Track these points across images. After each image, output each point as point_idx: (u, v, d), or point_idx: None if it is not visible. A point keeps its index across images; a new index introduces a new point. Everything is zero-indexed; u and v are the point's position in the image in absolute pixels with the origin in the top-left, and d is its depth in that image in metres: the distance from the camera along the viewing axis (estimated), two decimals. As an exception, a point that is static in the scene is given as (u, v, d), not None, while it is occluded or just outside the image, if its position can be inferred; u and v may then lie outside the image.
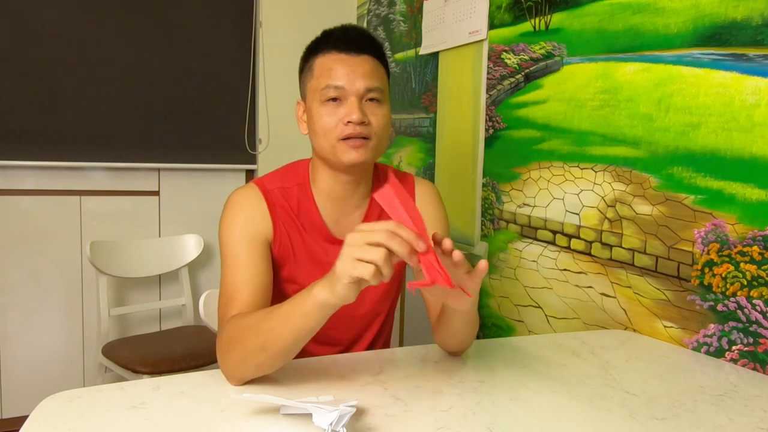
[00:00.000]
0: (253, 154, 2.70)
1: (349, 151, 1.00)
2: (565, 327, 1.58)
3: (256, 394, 0.79)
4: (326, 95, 1.00)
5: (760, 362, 1.11)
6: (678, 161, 1.26)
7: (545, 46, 1.64)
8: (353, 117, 0.98)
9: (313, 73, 1.04)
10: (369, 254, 0.72)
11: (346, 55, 1.01)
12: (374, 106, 1.02)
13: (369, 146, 1.01)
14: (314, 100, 1.03)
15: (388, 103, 1.05)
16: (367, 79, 1.00)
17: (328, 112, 1.01)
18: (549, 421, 0.82)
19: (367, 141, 1.01)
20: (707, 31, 1.20)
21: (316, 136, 1.03)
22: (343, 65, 1.00)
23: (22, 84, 2.30)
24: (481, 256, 1.91)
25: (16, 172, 2.36)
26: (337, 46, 1.02)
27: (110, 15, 2.42)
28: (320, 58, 1.03)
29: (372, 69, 1.02)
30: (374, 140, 1.02)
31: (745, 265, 1.13)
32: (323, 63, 1.02)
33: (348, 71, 1.00)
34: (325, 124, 1.01)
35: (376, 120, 1.02)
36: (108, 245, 2.30)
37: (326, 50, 1.03)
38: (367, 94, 1.01)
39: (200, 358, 2.08)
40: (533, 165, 1.69)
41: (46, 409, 0.79)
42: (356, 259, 0.73)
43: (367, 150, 1.01)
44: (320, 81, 1.01)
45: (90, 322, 2.49)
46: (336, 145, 1.01)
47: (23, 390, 2.39)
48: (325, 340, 1.12)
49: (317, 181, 1.10)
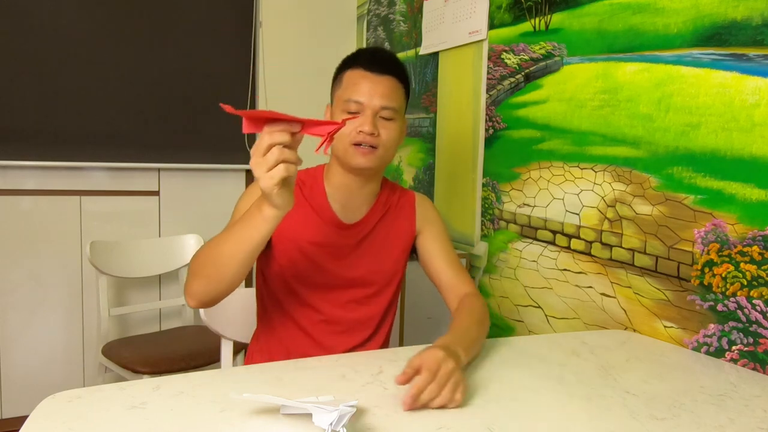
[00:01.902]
0: (253, 154, 2.70)
1: (358, 156, 1.15)
2: (565, 327, 1.58)
3: (255, 395, 0.79)
4: (347, 108, 1.15)
5: (760, 362, 1.11)
6: (678, 161, 1.26)
7: (545, 46, 1.64)
8: (365, 128, 1.13)
9: (341, 84, 1.19)
10: (269, 160, 0.83)
11: (370, 74, 1.16)
12: (386, 121, 1.16)
13: (376, 154, 1.16)
14: (338, 107, 1.18)
15: (401, 119, 1.20)
16: (384, 98, 1.15)
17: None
18: (549, 421, 0.82)
19: (374, 150, 1.15)
20: (707, 31, 1.20)
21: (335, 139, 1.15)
22: (366, 82, 1.15)
23: (22, 84, 2.30)
24: (481, 256, 1.92)
25: (16, 172, 2.36)
26: (365, 65, 1.17)
27: (110, 15, 2.42)
28: (349, 72, 1.18)
29: (391, 89, 1.16)
30: (381, 150, 1.16)
31: (745, 265, 1.13)
32: (351, 77, 1.17)
33: (369, 88, 1.15)
34: (343, 130, 1.13)
35: (386, 133, 1.16)
36: (108, 245, 2.30)
37: (356, 66, 1.18)
38: (382, 111, 1.15)
39: (200, 358, 2.08)
40: (533, 165, 1.69)
41: (46, 409, 0.79)
42: (266, 171, 0.84)
43: (374, 158, 1.16)
44: (345, 92, 1.17)
45: (90, 322, 2.49)
46: (348, 149, 1.15)
47: (23, 390, 2.38)
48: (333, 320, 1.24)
49: (331, 176, 1.24)
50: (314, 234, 1.22)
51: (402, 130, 1.22)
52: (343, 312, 1.24)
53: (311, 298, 1.23)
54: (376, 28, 2.66)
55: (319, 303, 1.23)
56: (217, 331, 1.43)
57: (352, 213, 1.24)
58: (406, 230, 1.29)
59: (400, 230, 1.28)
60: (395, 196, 1.30)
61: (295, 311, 1.24)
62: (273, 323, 1.26)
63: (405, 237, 1.29)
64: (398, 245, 1.28)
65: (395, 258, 1.28)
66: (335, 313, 1.24)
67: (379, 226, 1.26)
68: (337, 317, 1.24)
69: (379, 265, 1.26)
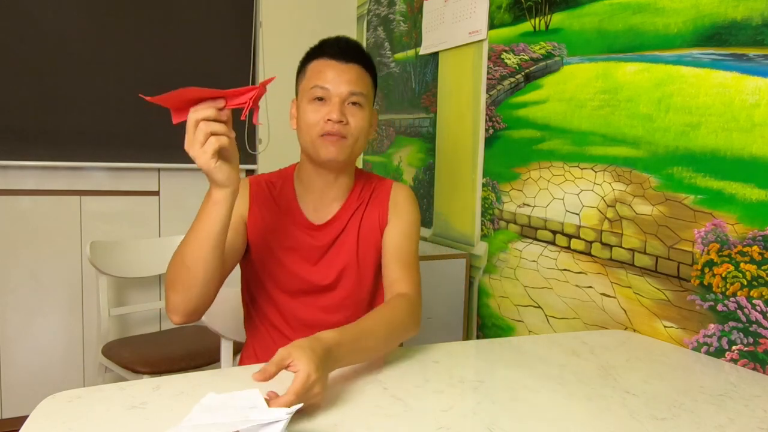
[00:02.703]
0: (253, 154, 2.70)
1: (328, 146, 1.10)
2: (565, 327, 1.58)
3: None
4: (313, 94, 1.11)
5: (760, 362, 1.11)
6: (678, 161, 1.26)
7: (545, 46, 1.64)
8: (333, 116, 1.08)
9: (305, 75, 1.15)
10: (199, 136, 0.87)
11: (335, 62, 1.12)
12: (355, 109, 1.12)
13: (345, 144, 1.11)
14: (303, 98, 1.14)
15: (370, 108, 1.15)
16: (351, 84, 1.11)
17: (313, 109, 1.11)
18: (549, 421, 0.82)
19: (344, 140, 1.11)
20: (707, 31, 1.20)
21: (301, 131, 1.14)
22: (332, 70, 1.11)
23: (22, 84, 2.30)
24: (481, 256, 1.92)
25: (16, 172, 2.36)
26: (329, 54, 1.13)
27: (110, 15, 2.42)
28: (314, 63, 1.14)
29: (357, 76, 1.12)
30: (350, 140, 1.12)
31: (745, 265, 1.13)
32: (315, 66, 1.13)
33: (335, 75, 1.10)
34: (309, 120, 1.11)
35: (355, 121, 1.11)
36: (108, 245, 2.30)
37: (320, 56, 1.14)
38: (350, 97, 1.11)
39: (200, 358, 2.08)
40: (533, 165, 1.69)
41: (46, 409, 0.79)
42: (198, 146, 0.87)
43: (343, 148, 1.11)
44: (310, 81, 1.12)
45: (90, 322, 2.49)
46: (316, 141, 1.11)
47: (23, 390, 2.38)
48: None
49: (301, 175, 1.20)
50: (285, 238, 1.17)
51: (371, 121, 1.16)
52: (325, 315, 1.19)
53: (291, 303, 1.19)
54: (376, 28, 2.66)
55: (299, 308, 1.19)
56: (217, 331, 1.43)
57: (323, 212, 1.19)
58: (380, 222, 1.20)
59: (374, 223, 1.20)
60: (370, 187, 1.23)
61: (275, 317, 1.20)
62: (258, 330, 1.23)
63: (378, 229, 1.20)
64: (372, 241, 1.20)
65: (370, 255, 1.20)
66: (317, 317, 1.18)
67: (352, 223, 1.19)
68: (318, 321, 1.17)
69: (354, 266, 1.19)
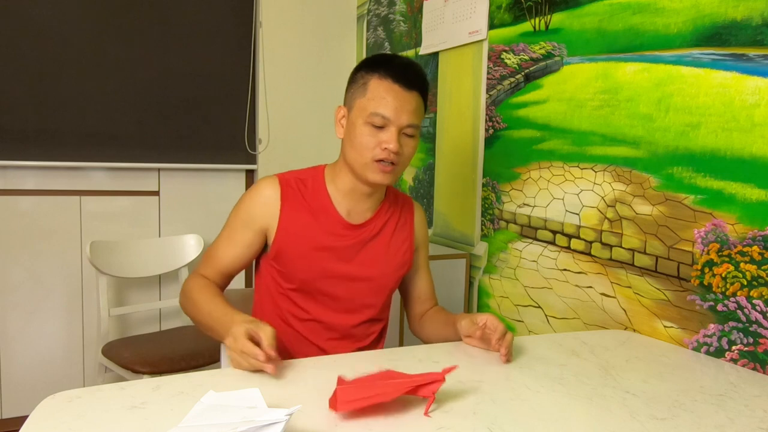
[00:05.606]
0: (253, 154, 2.70)
1: (378, 173, 1.14)
2: (565, 327, 1.58)
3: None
4: (373, 121, 1.12)
5: (760, 362, 1.11)
6: (678, 161, 1.26)
7: (545, 46, 1.64)
8: (390, 146, 1.11)
9: (366, 92, 1.14)
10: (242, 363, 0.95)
11: (399, 87, 1.12)
12: (408, 138, 1.15)
13: (395, 171, 1.15)
14: (360, 117, 1.13)
15: (419, 136, 1.19)
16: (410, 116, 1.12)
17: (369, 132, 1.13)
18: (549, 421, 0.82)
19: (394, 167, 1.14)
20: (707, 31, 1.20)
21: (353, 148, 1.15)
22: (395, 98, 1.11)
23: (22, 84, 2.30)
24: (481, 256, 1.92)
25: (16, 172, 2.36)
26: (394, 77, 1.12)
27: (110, 15, 2.42)
28: (376, 81, 1.13)
29: (416, 107, 1.14)
30: (400, 167, 1.16)
31: (745, 265, 1.13)
32: (378, 87, 1.12)
33: (397, 105, 1.11)
34: (365, 143, 1.12)
35: (407, 151, 1.15)
36: (108, 245, 2.30)
37: (384, 75, 1.13)
38: (406, 129, 1.13)
39: (200, 358, 2.08)
40: (533, 165, 1.69)
41: (46, 409, 0.79)
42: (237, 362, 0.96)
43: (393, 175, 1.15)
44: (371, 104, 1.12)
45: (90, 322, 2.49)
46: (368, 164, 1.13)
47: (23, 390, 2.38)
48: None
49: (337, 180, 1.22)
50: (319, 238, 1.19)
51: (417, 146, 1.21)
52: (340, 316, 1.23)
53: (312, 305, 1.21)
54: (376, 28, 2.66)
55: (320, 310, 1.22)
56: (217, 331, 1.43)
57: (356, 216, 1.23)
58: (407, 244, 1.29)
59: (403, 242, 1.28)
60: (398, 203, 1.30)
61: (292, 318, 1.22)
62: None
63: (405, 247, 1.28)
64: (399, 255, 1.27)
65: (396, 265, 1.27)
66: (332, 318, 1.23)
67: (385, 231, 1.25)
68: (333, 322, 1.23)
69: (383, 268, 1.25)
